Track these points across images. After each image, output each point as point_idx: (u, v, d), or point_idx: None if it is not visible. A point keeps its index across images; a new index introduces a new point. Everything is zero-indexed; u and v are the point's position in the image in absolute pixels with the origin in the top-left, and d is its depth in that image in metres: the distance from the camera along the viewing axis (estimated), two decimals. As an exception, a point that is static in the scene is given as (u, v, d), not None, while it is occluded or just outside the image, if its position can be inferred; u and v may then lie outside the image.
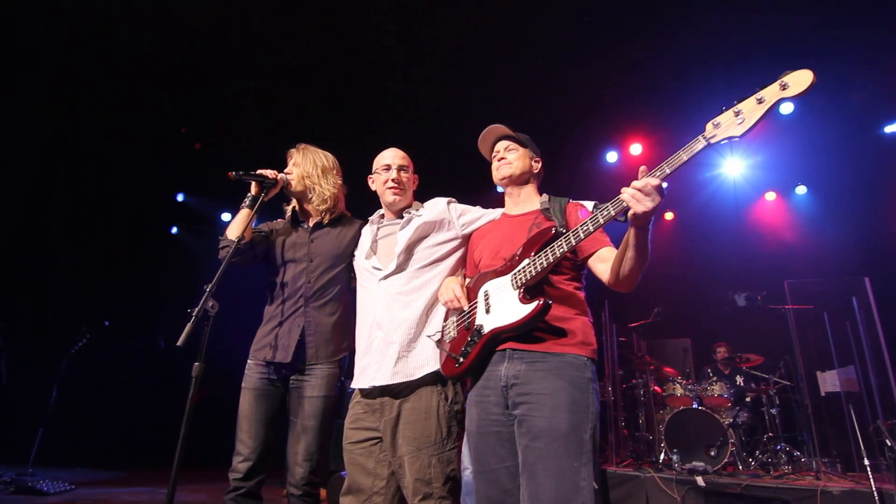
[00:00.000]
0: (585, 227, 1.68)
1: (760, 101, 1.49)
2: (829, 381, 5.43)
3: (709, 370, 6.13)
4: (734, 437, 5.00)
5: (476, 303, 1.94)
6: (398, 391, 2.07)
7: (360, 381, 2.16)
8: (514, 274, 1.82)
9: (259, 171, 2.46)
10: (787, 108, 7.03)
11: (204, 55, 6.15)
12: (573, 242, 1.70)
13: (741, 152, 7.49)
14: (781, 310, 5.36)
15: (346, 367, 2.45)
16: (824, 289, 5.49)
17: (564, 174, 7.62)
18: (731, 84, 6.42)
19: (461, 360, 1.89)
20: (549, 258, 1.74)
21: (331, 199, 2.54)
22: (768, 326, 5.89)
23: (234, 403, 2.38)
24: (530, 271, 1.77)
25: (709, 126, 1.54)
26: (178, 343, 1.97)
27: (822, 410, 5.67)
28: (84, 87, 6.45)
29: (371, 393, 2.14)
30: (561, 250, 1.72)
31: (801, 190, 7.61)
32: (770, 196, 7.78)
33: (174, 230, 8.41)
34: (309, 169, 2.54)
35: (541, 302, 1.71)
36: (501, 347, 1.84)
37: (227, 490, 2.25)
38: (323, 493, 3.02)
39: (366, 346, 2.18)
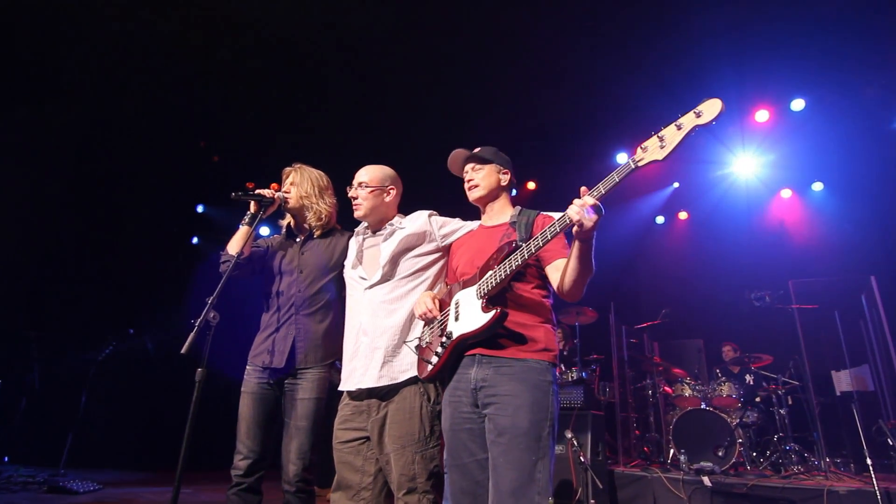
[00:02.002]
0: (536, 242, 1.83)
1: (679, 128, 1.63)
2: (844, 381, 5.35)
3: (718, 370, 6.11)
4: (742, 437, 4.99)
5: (448, 310, 2.09)
6: (384, 393, 2.21)
7: (348, 384, 2.30)
8: (480, 284, 1.98)
9: (258, 191, 2.65)
10: (798, 105, 6.95)
11: (221, 73, 6.42)
12: (526, 256, 1.85)
13: (753, 150, 7.42)
14: (789, 309, 5.34)
15: (340, 370, 2.58)
16: (829, 288, 5.44)
17: (574, 177, 7.62)
18: (742, 81, 6.35)
19: (433, 361, 2.05)
20: (506, 270, 1.90)
21: (326, 217, 2.73)
22: (780, 326, 5.85)
23: None
24: (492, 282, 1.93)
25: (638, 150, 1.68)
26: (182, 351, 2.15)
27: (837, 410, 5.61)
28: (107, 105, 6.79)
29: (359, 396, 2.27)
30: (516, 262, 1.88)
31: (818, 187, 7.49)
32: (785, 193, 7.69)
33: (195, 240, 8.74)
34: (308, 189, 2.72)
35: (497, 311, 1.88)
36: (471, 353, 1.99)
37: (229, 486, 2.43)
38: (328, 493, 3.16)
39: (352, 352, 2.32)
